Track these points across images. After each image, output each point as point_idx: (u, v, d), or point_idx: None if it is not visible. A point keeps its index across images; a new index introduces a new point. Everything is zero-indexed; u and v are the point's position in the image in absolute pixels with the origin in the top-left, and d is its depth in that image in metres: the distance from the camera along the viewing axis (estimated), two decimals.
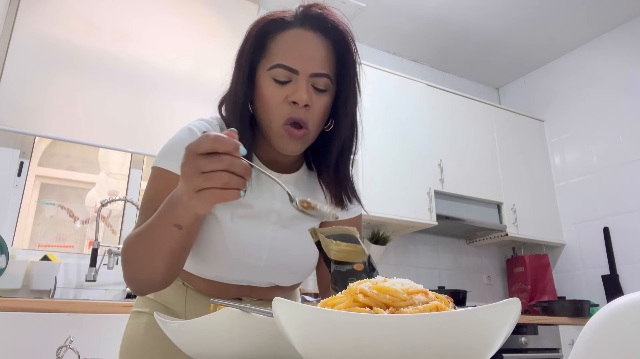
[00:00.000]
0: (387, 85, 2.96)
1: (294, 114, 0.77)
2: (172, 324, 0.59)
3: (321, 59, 0.78)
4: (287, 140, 0.78)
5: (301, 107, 0.76)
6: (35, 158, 2.87)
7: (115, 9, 2.56)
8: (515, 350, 2.42)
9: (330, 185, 0.87)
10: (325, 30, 0.80)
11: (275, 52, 0.78)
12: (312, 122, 0.79)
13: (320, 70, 0.77)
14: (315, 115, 0.79)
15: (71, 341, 0.90)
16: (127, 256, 0.73)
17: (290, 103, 0.77)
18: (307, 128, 0.78)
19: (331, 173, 0.86)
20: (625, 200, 3.02)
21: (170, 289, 0.89)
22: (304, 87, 0.76)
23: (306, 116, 0.77)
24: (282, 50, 0.78)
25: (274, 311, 0.43)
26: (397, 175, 2.78)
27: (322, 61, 0.78)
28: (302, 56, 0.77)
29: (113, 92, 2.43)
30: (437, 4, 3.06)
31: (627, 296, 0.36)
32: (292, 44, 0.78)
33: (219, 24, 2.81)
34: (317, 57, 0.77)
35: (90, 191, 3.07)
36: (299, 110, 0.77)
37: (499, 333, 0.41)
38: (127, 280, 0.75)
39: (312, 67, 0.77)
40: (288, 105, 0.77)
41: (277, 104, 0.77)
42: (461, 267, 3.34)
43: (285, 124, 0.77)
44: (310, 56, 0.77)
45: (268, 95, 0.78)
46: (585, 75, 3.41)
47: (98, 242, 2.17)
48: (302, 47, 0.77)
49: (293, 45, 0.78)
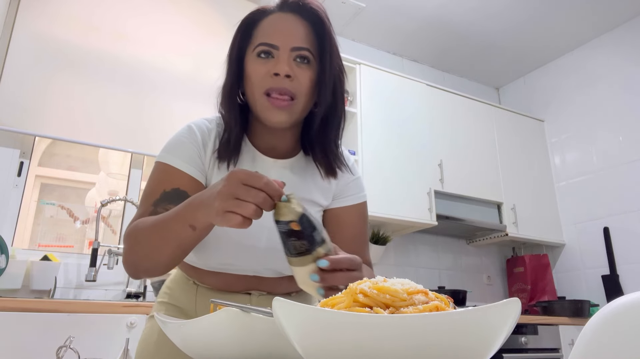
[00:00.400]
0: (387, 85, 2.96)
1: (275, 84, 0.81)
2: (172, 324, 0.59)
3: (300, 35, 0.83)
4: (272, 110, 0.81)
5: (283, 78, 0.80)
6: (35, 158, 2.87)
7: (115, 8, 2.56)
8: (515, 350, 2.42)
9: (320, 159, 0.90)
10: (303, 12, 0.85)
11: (258, 35, 0.85)
12: (299, 93, 0.82)
13: (300, 44, 0.83)
14: (302, 86, 0.82)
15: (71, 341, 0.90)
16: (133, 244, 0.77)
17: (273, 75, 0.81)
18: (293, 98, 0.82)
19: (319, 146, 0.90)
20: (625, 200, 3.02)
21: (181, 289, 0.92)
22: (284, 59, 0.81)
23: (292, 86, 0.81)
24: (263, 32, 0.84)
25: (274, 311, 0.43)
26: (397, 175, 2.78)
27: (302, 37, 0.83)
28: (282, 33, 0.83)
29: (113, 92, 2.43)
30: (437, 4, 3.06)
31: (627, 296, 0.36)
32: (272, 25, 0.84)
33: (218, 24, 2.81)
34: (296, 34, 0.83)
35: (90, 191, 3.07)
36: (281, 81, 0.81)
37: (499, 333, 0.41)
38: (126, 264, 0.78)
39: (292, 42, 0.82)
40: (270, 78, 0.81)
41: (260, 78, 0.82)
42: (461, 267, 3.34)
43: (266, 94, 0.82)
44: (290, 33, 0.83)
45: (252, 72, 0.83)
46: (585, 75, 3.41)
47: (98, 242, 2.17)
48: (282, 25, 0.84)
49: (273, 26, 0.84)
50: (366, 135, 2.75)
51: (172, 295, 0.92)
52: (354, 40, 3.43)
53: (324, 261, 0.62)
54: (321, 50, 0.85)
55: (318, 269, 0.62)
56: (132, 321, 1.68)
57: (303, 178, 0.91)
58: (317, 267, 0.62)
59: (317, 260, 0.62)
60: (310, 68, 0.84)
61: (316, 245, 0.62)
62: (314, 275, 0.63)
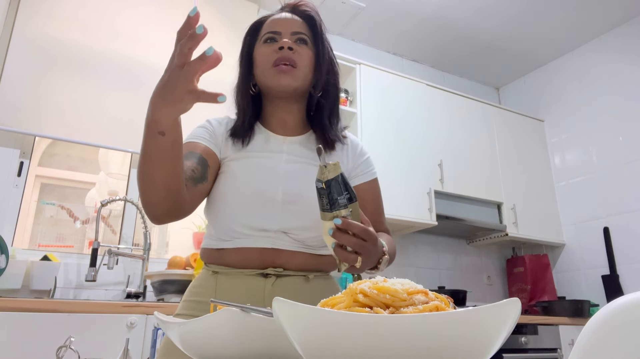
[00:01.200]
0: (386, 85, 2.96)
1: (280, 55, 0.96)
2: (172, 324, 0.59)
3: (298, 25, 1.02)
4: (278, 75, 0.96)
5: (286, 50, 0.96)
6: (35, 158, 2.87)
7: (115, 9, 2.56)
8: (515, 350, 2.42)
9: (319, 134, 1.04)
10: (298, 12, 1.05)
11: (264, 30, 1.03)
12: (300, 63, 0.98)
13: (298, 29, 1.01)
14: (302, 58, 0.98)
15: (71, 341, 0.90)
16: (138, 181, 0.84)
17: (277, 50, 0.97)
18: (295, 66, 0.97)
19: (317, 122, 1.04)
20: (625, 200, 3.02)
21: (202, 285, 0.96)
22: (287, 37, 0.99)
23: (294, 56, 0.97)
24: (268, 25, 1.03)
25: (274, 311, 0.43)
26: (397, 175, 2.78)
27: (299, 26, 1.02)
28: (283, 23, 1.02)
29: (113, 91, 2.43)
30: (437, 4, 3.06)
31: (627, 296, 0.36)
32: (274, 20, 1.03)
33: (218, 24, 2.81)
34: (295, 23, 1.02)
35: (90, 191, 3.07)
36: (285, 52, 0.96)
37: (499, 333, 0.41)
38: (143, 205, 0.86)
39: (292, 28, 1.01)
40: (276, 52, 0.97)
41: (267, 55, 0.98)
42: (461, 267, 3.34)
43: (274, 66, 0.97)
44: (290, 22, 1.02)
45: (260, 54, 1.00)
46: (585, 75, 3.42)
47: (98, 242, 2.17)
48: (283, 19, 1.03)
49: (275, 20, 1.03)
50: (366, 135, 2.75)
51: (194, 291, 0.97)
52: (354, 40, 3.43)
53: (338, 220, 0.73)
54: (315, 39, 1.03)
55: (334, 225, 0.73)
56: (132, 321, 1.68)
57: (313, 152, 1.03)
58: (334, 224, 0.73)
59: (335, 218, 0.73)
60: (309, 49, 1.01)
61: (338, 207, 0.73)
62: (330, 230, 0.74)
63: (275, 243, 0.93)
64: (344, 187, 0.73)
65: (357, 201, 0.76)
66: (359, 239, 0.73)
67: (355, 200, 0.75)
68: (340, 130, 1.06)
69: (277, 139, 1.02)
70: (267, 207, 0.93)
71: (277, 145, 1.01)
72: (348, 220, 0.73)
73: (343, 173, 0.74)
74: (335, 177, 0.73)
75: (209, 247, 0.98)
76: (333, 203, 0.73)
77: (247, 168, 0.96)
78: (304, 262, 0.95)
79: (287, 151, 1.00)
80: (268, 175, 0.96)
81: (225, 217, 0.94)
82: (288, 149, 1.01)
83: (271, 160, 0.98)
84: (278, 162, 0.98)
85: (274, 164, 0.97)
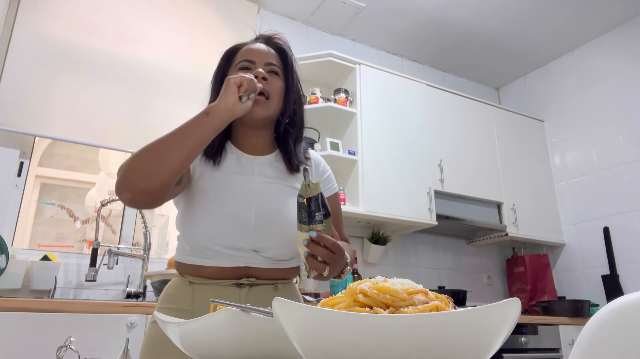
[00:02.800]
0: (386, 85, 2.96)
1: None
2: (172, 324, 0.59)
3: (271, 56, 1.10)
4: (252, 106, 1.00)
5: (260, 79, 1.03)
6: (35, 158, 2.87)
7: (115, 9, 2.56)
8: (515, 350, 2.42)
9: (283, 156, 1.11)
10: (271, 44, 1.13)
11: (238, 58, 1.11)
12: (273, 93, 1.05)
13: (271, 60, 1.09)
14: (274, 88, 1.06)
15: (71, 341, 0.90)
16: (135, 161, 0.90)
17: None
18: (268, 98, 1.04)
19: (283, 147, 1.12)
20: (625, 200, 3.02)
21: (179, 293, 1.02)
22: (261, 67, 1.07)
23: (267, 87, 1.04)
24: (243, 54, 1.11)
25: (274, 311, 0.43)
26: (397, 175, 2.78)
27: (272, 57, 1.10)
28: (258, 53, 1.09)
29: (113, 92, 2.43)
30: (437, 4, 3.06)
31: (627, 296, 0.36)
32: (249, 49, 1.11)
33: (219, 24, 2.81)
34: (268, 54, 1.10)
35: (90, 191, 3.07)
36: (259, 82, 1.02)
37: (499, 333, 0.41)
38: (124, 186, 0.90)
39: (266, 59, 1.09)
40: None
41: None
42: (461, 267, 3.34)
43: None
44: (263, 53, 1.10)
45: None
46: (585, 75, 3.42)
47: (98, 242, 2.17)
48: (257, 49, 1.11)
49: (250, 49, 1.11)
50: (366, 135, 2.75)
51: (171, 299, 1.02)
52: (354, 40, 3.43)
53: (313, 233, 0.83)
54: (285, 71, 1.11)
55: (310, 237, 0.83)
56: (132, 321, 1.68)
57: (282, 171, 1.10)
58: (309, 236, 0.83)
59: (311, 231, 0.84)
60: (280, 79, 1.09)
61: (315, 222, 0.84)
62: (305, 241, 0.84)
63: (248, 261, 1.01)
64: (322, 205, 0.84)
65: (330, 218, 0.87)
66: (329, 251, 0.84)
67: (329, 216, 0.86)
68: (304, 152, 1.15)
69: (248, 159, 1.09)
70: (242, 229, 1.00)
71: (248, 165, 1.08)
72: (322, 234, 0.83)
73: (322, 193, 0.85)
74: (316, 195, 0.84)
75: (184, 262, 1.04)
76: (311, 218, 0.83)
77: (221, 190, 1.02)
78: (273, 275, 1.04)
79: (258, 171, 1.07)
80: (241, 198, 1.02)
81: (201, 238, 1.00)
82: (259, 170, 1.07)
83: (243, 181, 1.05)
84: (250, 184, 1.04)
85: (246, 186, 1.04)
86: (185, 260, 1.04)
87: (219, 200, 1.01)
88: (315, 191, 0.84)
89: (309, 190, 0.84)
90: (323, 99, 2.77)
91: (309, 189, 0.84)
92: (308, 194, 0.84)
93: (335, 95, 2.82)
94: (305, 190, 0.84)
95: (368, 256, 2.89)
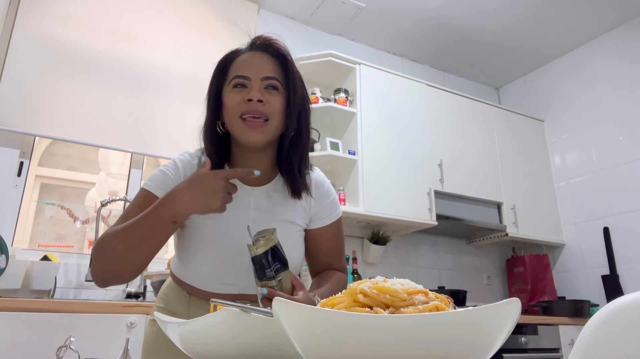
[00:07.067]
0: (387, 85, 2.96)
1: (249, 108, 0.93)
2: (172, 324, 0.59)
3: (269, 67, 0.97)
4: (247, 131, 0.94)
5: (256, 103, 0.93)
6: (35, 158, 2.87)
7: (115, 9, 2.56)
8: (515, 350, 2.42)
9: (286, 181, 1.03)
10: (269, 50, 0.99)
11: (232, 71, 0.98)
12: (272, 115, 0.95)
13: (269, 74, 0.96)
14: (273, 109, 0.95)
15: (71, 341, 0.90)
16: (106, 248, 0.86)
17: (246, 101, 0.93)
18: (267, 119, 0.94)
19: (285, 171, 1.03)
20: (625, 200, 3.02)
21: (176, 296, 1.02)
22: (256, 87, 0.95)
23: (265, 109, 0.94)
24: (237, 67, 0.98)
25: (274, 311, 0.43)
26: (397, 175, 2.78)
27: (270, 69, 0.97)
28: (253, 66, 0.97)
29: (113, 92, 2.43)
30: (437, 4, 3.06)
31: (627, 296, 0.36)
32: (244, 61, 0.98)
33: (219, 24, 2.81)
34: (265, 66, 0.97)
35: (90, 191, 3.07)
36: (255, 105, 0.93)
37: (499, 333, 0.41)
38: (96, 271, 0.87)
39: (262, 73, 0.96)
40: (245, 104, 0.94)
41: (236, 104, 0.94)
42: (461, 267, 3.34)
43: (241, 118, 0.94)
44: (260, 65, 0.97)
45: (229, 101, 0.96)
46: (585, 75, 3.42)
47: None
48: (253, 60, 0.98)
49: (245, 61, 0.98)
50: (366, 135, 2.75)
51: (168, 301, 1.02)
52: (354, 40, 3.43)
53: (264, 290, 0.82)
54: (287, 81, 0.98)
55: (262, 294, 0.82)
56: (132, 321, 1.68)
57: (280, 202, 1.03)
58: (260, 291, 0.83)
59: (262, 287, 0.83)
60: (280, 94, 0.97)
61: (265, 279, 0.83)
62: (260, 295, 0.83)
63: (242, 290, 0.99)
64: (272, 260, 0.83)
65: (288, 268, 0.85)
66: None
67: (286, 267, 0.84)
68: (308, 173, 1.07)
69: (245, 190, 1.01)
70: (235, 269, 0.97)
71: (244, 197, 1.00)
72: (273, 291, 0.82)
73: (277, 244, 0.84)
74: (264, 252, 0.82)
75: (181, 279, 1.02)
76: (261, 276, 0.83)
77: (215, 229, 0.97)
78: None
79: (254, 206, 1.00)
80: (236, 237, 0.96)
81: (196, 273, 0.99)
82: (255, 203, 1.00)
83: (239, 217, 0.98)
84: (245, 220, 0.97)
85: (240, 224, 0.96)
86: (182, 277, 1.02)
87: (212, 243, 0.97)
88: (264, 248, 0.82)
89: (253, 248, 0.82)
90: (323, 99, 2.77)
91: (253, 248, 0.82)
92: (253, 253, 0.82)
93: (335, 95, 2.82)
94: (250, 249, 0.83)
95: (368, 256, 2.89)
